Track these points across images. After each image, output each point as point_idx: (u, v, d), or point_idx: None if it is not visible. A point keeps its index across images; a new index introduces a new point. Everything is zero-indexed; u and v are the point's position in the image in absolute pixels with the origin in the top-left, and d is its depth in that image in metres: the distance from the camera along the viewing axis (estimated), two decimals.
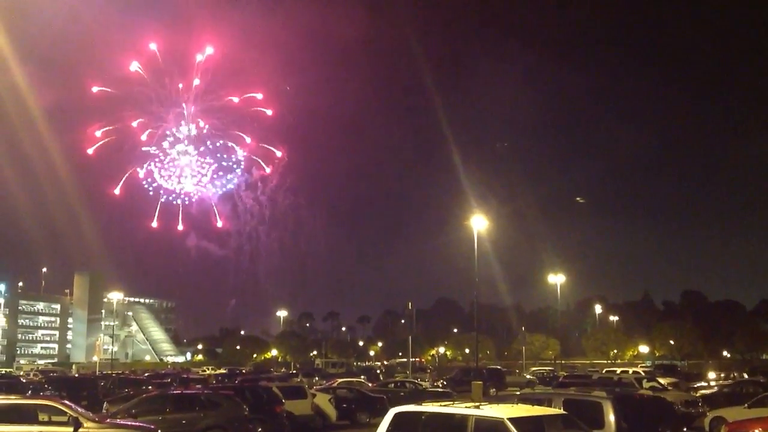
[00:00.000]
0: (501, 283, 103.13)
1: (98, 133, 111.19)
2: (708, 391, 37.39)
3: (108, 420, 19.25)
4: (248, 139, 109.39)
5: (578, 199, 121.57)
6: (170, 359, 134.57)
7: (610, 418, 13.72)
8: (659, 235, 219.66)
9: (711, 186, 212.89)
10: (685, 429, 16.78)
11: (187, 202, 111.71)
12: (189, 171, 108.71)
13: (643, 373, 42.54)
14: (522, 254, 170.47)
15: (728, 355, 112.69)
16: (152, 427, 17.98)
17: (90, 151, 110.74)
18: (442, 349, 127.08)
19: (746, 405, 24.42)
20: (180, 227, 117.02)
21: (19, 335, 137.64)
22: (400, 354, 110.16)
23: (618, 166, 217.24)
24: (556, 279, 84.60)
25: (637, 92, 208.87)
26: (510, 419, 11.05)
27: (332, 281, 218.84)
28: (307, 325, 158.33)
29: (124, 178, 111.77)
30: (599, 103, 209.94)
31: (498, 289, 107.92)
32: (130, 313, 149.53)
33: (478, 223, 45.06)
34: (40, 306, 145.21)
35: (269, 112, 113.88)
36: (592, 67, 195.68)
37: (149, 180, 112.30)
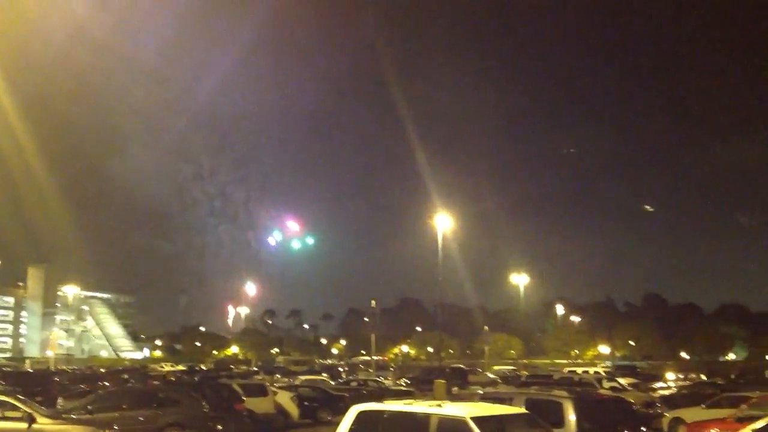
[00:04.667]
0: (465, 283, 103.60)
1: None
2: (667, 392, 37.95)
3: (63, 416, 18.88)
4: None
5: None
6: (128, 355, 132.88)
7: (571, 417, 13.76)
8: (622, 238, 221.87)
9: (673, 191, 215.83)
10: (643, 429, 16.91)
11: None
12: None
13: (603, 374, 42.99)
14: (486, 254, 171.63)
15: (687, 357, 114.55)
16: (110, 423, 17.65)
17: None
18: (405, 348, 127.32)
19: (704, 406, 24.75)
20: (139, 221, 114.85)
21: None
22: (363, 352, 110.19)
23: (582, 169, 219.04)
24: (520, 279, 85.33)
25: (601, 95, 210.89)
26: (472, 418, 11.00)
27: (296, 279, 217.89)
28: (269, 322, 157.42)
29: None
30: (564, 104, 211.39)
31: (462, 288, 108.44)
32: (86, 308, 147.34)
33: (443, 223, 45.21)
34: None
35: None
36: (557, 68, 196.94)
37: None
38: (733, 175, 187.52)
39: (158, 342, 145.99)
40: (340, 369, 72.19)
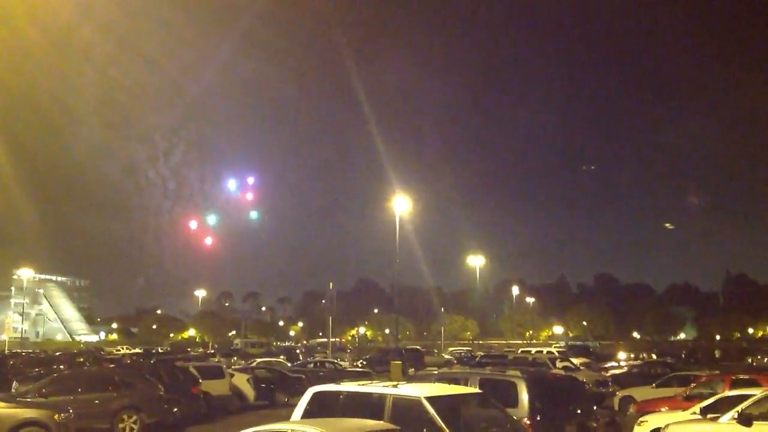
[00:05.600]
0: (422, 265, 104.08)
1: None
2: (618, 371, 38.69)
3: (18, 399, 18.68)
4: None
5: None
6: (83, 338, 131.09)
7: (524, 396, 14.00)
8: (576, 220, 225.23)
9: (624, 172, 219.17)
10: (595, 407, 17.25)
11: None
12: None
13: (556, 354, 43.61)
14: (444, 237, 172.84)
15: (638, 337, 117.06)
16: (64, 406, 17.50)
17: None
18: (362, 330, 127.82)
19: (654, 385, 25.41)
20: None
21: None
22: (321, 334, 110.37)
23: (536, 151, 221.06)
24: (476, 261, 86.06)
25: (553, 74, 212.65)
26: (427, 398, 11.16)
27: (253, 261, 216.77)
28: (227, 304, 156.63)
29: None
30: (519, 87, 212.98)
31: (419, 270, 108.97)
32: (41, 291, 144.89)
33: (400, 205, 45.30)
34: None
35: None
36: (507, 50, 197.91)
37: None
38: (682, 157, 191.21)
39: (114, 325, 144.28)
40: (297, 351, 72.22)
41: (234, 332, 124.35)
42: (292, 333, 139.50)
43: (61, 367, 36.29)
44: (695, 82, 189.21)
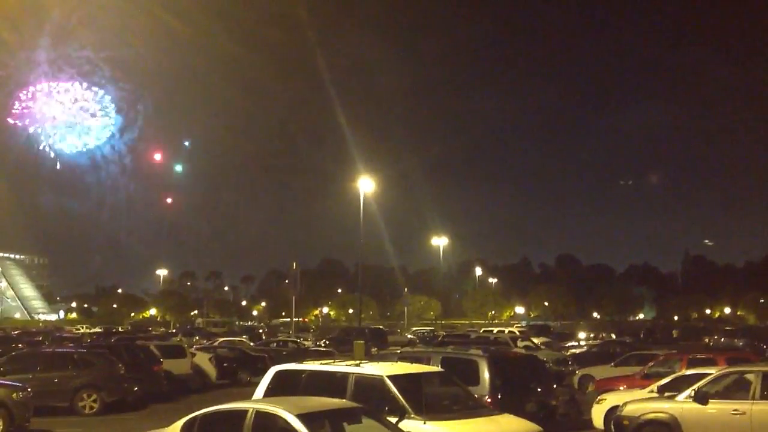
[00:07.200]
0: (386, 245, 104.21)
1: None
2: (578, 351, 39.15)
3: None
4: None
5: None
6: (42, 317, 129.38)
7: (485, 375, 14.13)
8: (538, 200, 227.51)
9: (586, 153, 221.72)
10: (555, 386, 17.48)
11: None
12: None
13: (518, 333, 43.99)
14: (407, 216, 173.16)
15: (598, 317, 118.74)
16: (23, 385, 17.27)
17: None
18: (326, 310, 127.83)
19: (613, 364, 25.75)
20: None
21: None
22: (284, 314, 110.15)
23: (499, 132, 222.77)
24: (440, 241, 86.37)
25: (512, 57, 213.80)
26: (389, 376, 11.24)
27: (215, 240, 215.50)
28: (189, 284, 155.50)
29: None
30: (482, 66, 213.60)
31: (383, 250, 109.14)
32: None
33: (365, 185, 45.23)
34: None
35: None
36: (474, 27, 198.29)
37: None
38: (643, 138, 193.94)
39: (73, 304, 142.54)
40: (260, 331, 72.03)
41: (196, 312, 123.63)
42: (255, 312, 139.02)
43: (20, 346, 35.74)
44: (655, 63, 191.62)
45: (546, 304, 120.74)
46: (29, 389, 17.06)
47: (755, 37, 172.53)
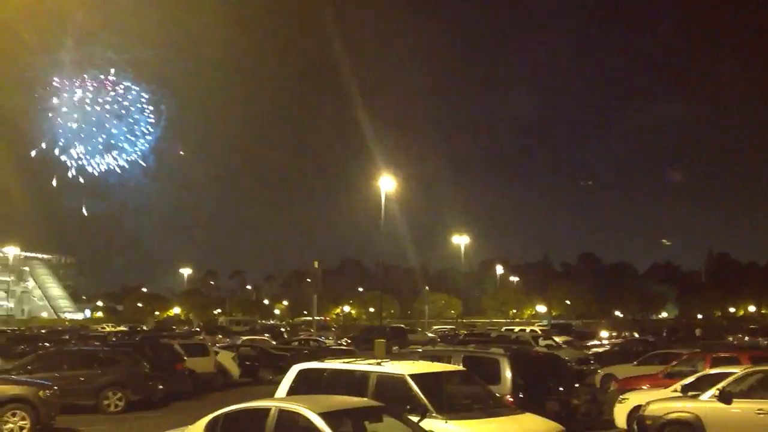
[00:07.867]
0: (407, 244, 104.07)
1: None
2: (600, 349, 38.94)
3: (2, 376, 18.66)
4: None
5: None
6: (68, 316, 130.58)
7: (506, 374, 14.15)
8: (560, 199, 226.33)
9: (608, 151, 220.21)
10: (576, 385, 17.44)
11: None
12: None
13: (539, 332, 43.76)
14: (428, 215, 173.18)
15: (620, 315, 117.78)
16: (49, 383, 17.50)
17: None
18: (347, 308, 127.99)
19: (635, 362, 25.58)
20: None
21: None
22: (305, 313, 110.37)
23: (521, 130, 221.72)
24: (461, 240, 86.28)
25: (539, 59, 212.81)
26: (411, 375, 11.30)
27: (239, 240, 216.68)
28: (212, 283, 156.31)
29: None
30: (506, 66, 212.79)
31: (404, 249, 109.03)
32: (26, 269, 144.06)
33: (386, 184, 45.34)
34: None
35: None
36: (500, 24, 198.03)
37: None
38: (663, 136, 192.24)
39: (99, 303, 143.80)
40: (282, 329, 72.24)
41: (219, 310, 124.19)
42: (277, 311, 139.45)
43: (47, 344, 36.15)
44: (679, 61, 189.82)
45: (568, 302, 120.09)
46: (55, 387, 17.27)
47: None
